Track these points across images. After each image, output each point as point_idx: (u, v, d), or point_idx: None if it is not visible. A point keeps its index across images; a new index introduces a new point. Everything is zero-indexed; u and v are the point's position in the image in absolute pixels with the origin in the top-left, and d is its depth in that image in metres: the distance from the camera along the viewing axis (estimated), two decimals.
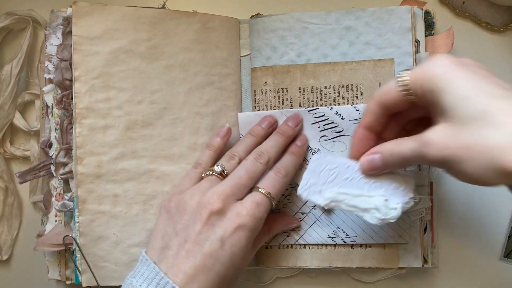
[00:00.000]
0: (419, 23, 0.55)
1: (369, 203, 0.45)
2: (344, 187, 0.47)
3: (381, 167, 0.44)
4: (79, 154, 0.51)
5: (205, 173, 0.49)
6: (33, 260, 0.59)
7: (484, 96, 0.35)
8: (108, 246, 0.51)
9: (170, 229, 0.46)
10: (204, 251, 0.43)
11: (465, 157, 0.35)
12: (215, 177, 0.49)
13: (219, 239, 0.44)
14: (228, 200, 0.46)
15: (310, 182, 0.48)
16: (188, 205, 0.46)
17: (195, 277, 0.42)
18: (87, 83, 0.51)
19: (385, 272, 0.56)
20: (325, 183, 0.47)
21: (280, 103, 0.55)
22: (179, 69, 0.54)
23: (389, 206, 0.45)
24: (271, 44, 0.55)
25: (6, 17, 0.58)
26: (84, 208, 0.51)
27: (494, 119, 0.34)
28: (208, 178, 0.49)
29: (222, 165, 0.49)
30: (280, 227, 0.54)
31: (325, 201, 0.47)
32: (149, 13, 0.53)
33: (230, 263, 0.44)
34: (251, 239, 0.46)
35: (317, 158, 0.48)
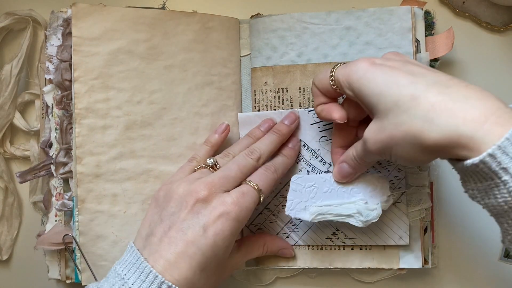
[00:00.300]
0: (419, 23, 0.54)
1: (352, 209, 0.49)
2: (326, 200, 0.50)
3: (351, 172, 0.49)
4: (79, 154, 0.51)
5: (198, 166, 0.50)
6: (33, 260, 0.59)
7: (394, 89, 0.39)
8: (107, 245, 0.51)
9: (157, 216, 0.46)
10: (186, 238, 0.43)
11: (393, 145, 0.40)
12: (206, 170, 0.49)
13: (202, 226, 0.44)
14: (215, 190, 0.46)
15: (294, 201, 0.51)
16: (175, 193, 0.46)
17: (175, 263, 0.42)
18: (86, 84, 0.51)
19: (385, 272, 0.56)
20: (308, 199, 0.51)
21: (280, 103, 0.55)
22: (178, 69, 0.54)
23: (370, 207, 0.49)
24: (271, 44, 0.55)
25: (6, 17, 0.58)
26: (83, 207, 0.51)
27: (404, 106, 0.38)
28: (199, 170, 0.49)
29: (215, 159, 0.50)
30: (276, 248, 0.54)
31: (311, 216, 0.50)
32: (148, 14, 0.53)
33: (212, 252, 0.43)
34: (235, 230, 0.45)
35: (296, 178, 0.51)
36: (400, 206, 0.53)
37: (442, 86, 0.38)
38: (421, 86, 0.39)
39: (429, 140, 0.37)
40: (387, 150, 0.41)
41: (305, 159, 0.54)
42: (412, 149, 0.39)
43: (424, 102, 0.38)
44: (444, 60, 0.57)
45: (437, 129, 0.36)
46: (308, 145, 0.54)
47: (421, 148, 0.38)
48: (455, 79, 0.39)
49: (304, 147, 0.54)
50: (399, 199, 0.53)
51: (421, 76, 0.40)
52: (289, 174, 0.54)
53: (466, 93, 0.37)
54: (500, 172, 0.35)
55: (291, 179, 0.51)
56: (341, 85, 0.45)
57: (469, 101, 0.37)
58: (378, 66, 0.42)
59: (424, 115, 0.37)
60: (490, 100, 0.37)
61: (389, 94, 0.40)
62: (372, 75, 0.42)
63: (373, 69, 0.42)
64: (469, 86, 0.38)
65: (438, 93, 0.38)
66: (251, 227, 0.55)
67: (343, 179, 0.50)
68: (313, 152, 0.54)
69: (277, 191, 0.55)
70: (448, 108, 0.37)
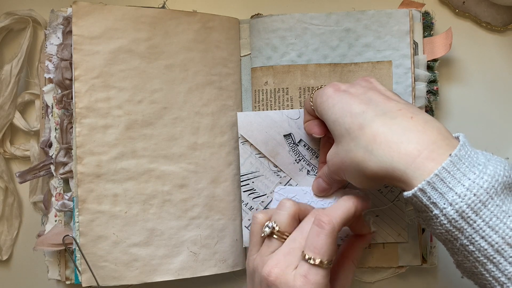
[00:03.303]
0: (417, 25, 0.55)
1: None
2: None
3: (326, 187, 0.51)
4: (79, 154, 0.51)
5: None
6: (33, 260, 0.59)
7: (348, 117, 0.42)
8: (107, 246, 0.51)
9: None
10: None
11: (344, 169, 0.43)
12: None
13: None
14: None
15: None
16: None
17: None
18: (87, 83, 0.51)
19: (385, 272, 0.56)
20: None
21: (280, 103, 0.55)
22: (179, 69, 0.54)
23: None
24: (271, 44, 0.55)
25: (6, 17, 0.58)
26: (84, 207, 0.51)
27: (353, 134, 0.41)
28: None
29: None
30: (360, 250, 0.50)
31: None
32: (149, 13, 0.53)
33: None
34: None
35: (279, 189, 0.54)
36: (399, 204, 0.53)
37: (388, 117, 0.40)
38: (370, 116, 0.40)
39: (368, 170, 0.39)
40: (341, 173, 0.44)
41: (305, 159, 0.54)
42: (357, 175, 0.41)
43: (368, 132, 0.39)
44: (444, 60, 0.57)
45: (375, 160, 0.39)
46: (308, 145, 0.54)
47: (364, 176, 0.40)
48: (406, 109, 0.41)
49: (305, 146, 0.54)
50: (397, 198, 0.53)
51: (373, 106, 0.41)
52: (290, 174, 0.54)
53: (408, 125, 0.39)
54: (431, 207, 0.36)
55: (275, 189, 0.54)
56: (315, 108, 0.47)
57: (407, 134, 0.38)
58: (340, 94, 0.44)
59: (366, 146, 0.39)
60: (429, 133, 0.38)
61: (343, 122, 0.42)
62: (332, 102, 0.44)
63: (334, 96, 0.44)
64: (414, 118, 0.39)
65: (382, 124, 0.39)
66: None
67: (320, 193, 0.52)
68: (313, 152, 0.54)
69: (281, 185, 0.55)
70: (387, 140, 0.38)
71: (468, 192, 0.35)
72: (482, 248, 0.35)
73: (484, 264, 0.36)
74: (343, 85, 0.46)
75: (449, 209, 0.35)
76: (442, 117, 0.57)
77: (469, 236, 0.35)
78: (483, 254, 0.35)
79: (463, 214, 0.35)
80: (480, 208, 0.35)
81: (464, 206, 0.35)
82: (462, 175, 0.36)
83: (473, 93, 0.58)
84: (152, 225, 0.52)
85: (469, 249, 0.36)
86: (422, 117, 0.40)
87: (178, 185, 0.53)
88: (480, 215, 0.35)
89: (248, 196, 0.55)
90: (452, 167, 0.36)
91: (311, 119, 0.50)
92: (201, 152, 0.54)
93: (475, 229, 0.35)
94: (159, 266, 0.52)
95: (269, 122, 0.54)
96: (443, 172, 0.36)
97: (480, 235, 0.35)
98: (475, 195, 0.35)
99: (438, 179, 0.36)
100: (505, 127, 0.57)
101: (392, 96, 0.43)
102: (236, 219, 0.56)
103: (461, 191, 0.35)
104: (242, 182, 0.55)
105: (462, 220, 0.35)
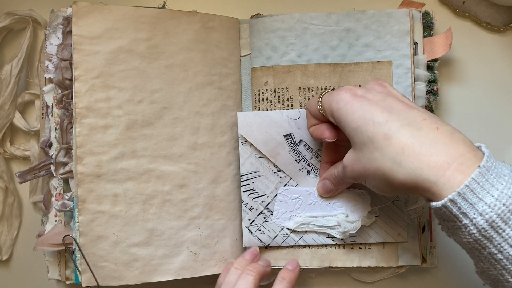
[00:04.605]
0: (417, 25, 0.55)
1: (333, 221, 0.53)
2: (309, 211, 0.54)
3: (333, 189, 0.52)
4: (79, 154, 0.51)
5: None
6: (33, 260, 0.59)
7: (370, 125, 0.42)
8: (108, 246, 0.51)
9: None
10: None
11: (366, 176, 0.43)
12: None
13: None
14: None
15: (280, 211, 0.55)
16: None
17: None
18: (87, 83, 0.51)
19: (385, 272, 0.56)
20: (293, 210, 0.55)
21: (280, 103, 0.55)
22: (179, 69, 0.54)
23: (349, 220, 0.53)
24: (271, 44, 0.55)
25: (6, 17, 0.58)
26: (84, 207, 0.51)
27: (378, 143, 0.41)
28: None
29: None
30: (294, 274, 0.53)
31: (295, 224, 0.54)
32: (149, 13, 0.53)
33: None
34: None
35: (283, 190, 0.55)
36: (398, 204, 0.53)
37: (414, 128, 0.40)
38: (395, 126, 0.41)
39: (397, 180, 0.40)
40: (362, 179, 0.45)
41: (305, 159, 0.54)
42: (382, 183, 0.42)
43: (395, 143, 0.40)
44: (443, 60, 0.57)
45: (404, 172, 0.39)
46: (308, 145, 0.54)
47: (390, 185, 0.41)
48: (429, 119, 0.41)
49: (305, 147, 0.54)
50: (396, 197, 0.53)
51: (396, 114, 0.41)
52: (290, 174, 0.54)
53: (435, 137, 0.39)
54: (461, 216, 0.37)
55: (278, 190, 0.54)
56: (326, 112, 0.47)
57: (436, 146, 0.39)
58: (358, 99, 0.44)
59: (394, 157, 0.40)
60: (456, 146, 0.39)
61: (365, 130, 0.42)
62: (351, 108, 0.43)
63: (353, 102, 0.44)
64: (440, 129, 0.40)
65: (409, 135, 0.40)
66: (250, 228, 0.55)
67: (325, 194, 0.54)
68: (313, 152, 0.54)
69: (283, 186, 0.55)
70: (416, 153, 0.39)
71: (497, 202, 0.36)
72: (511, 257, 0.36)
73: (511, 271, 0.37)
74: (359, 89, 0.45)
75: (479, 218, 0.36)
76: (442, 117, 0.57)
77: (498, 244, 0.36)
78: (511, 262, 0.36)
79: (493, 223, 0.36)
80: (510, 217, 0.36)
81: (494, 216, 0.36)
82: (491, 186, 0.36)
83: (473, 93, 0.58)
84: (152, 225, 0.52)
85: (497, 257, 0.37)
86: (447, 129, 0.40)
87: (178, 185, 0.53)
88: (510, 224, 0.36)
89: (248, 196, 0.55)
90: (481, 178, 0.37)
91: (317, 123, 0.50)
92: (201, 152, 0.54)
93: (504, 238, 0.36)
94: (159, 266, 0.52)
95: (269, 122, 0.54)
96: (473, 183, 0.36)
97: (509, 244, 0.36)
98: (504, 204, 0.36)
99: (468, 189, 0.36)
100: (505, 127, 0.57)
101: (410, 103, 0.44)
102: (236, 219, 0.56)
103: (490, 201, 0.36)
104: (242, 182, 0.55)
105: (492, 230, 0.36)
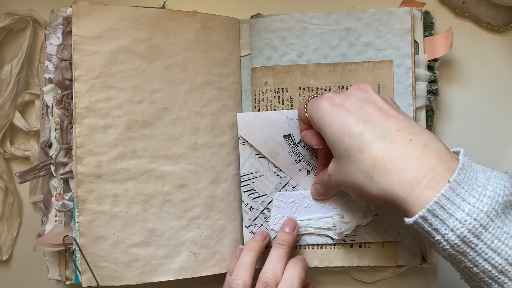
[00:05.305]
0: (418, 24, 0.55)
1: (329, 223, 0.54)
2: (306, 214, 0.55)
3: (324, 193, 0.53)
4: (79, 154, 0.51)
5: None
6: (33, 260, 0.59)
7: (346, 137, 0.42)
8: (108, 246, 0.51)
9: None
10: None
11: (346, 188, 0.44)
12: None
13: None
14: None
15: (277, 216, 0.55)
16: None
17: None
18: (87, 83, 0.51)
19: (384, 272, 0.56)
20: (290, 214, 0.55)
21: (280, 103, 0.55)
22: (179, 69, 0.54)
23: (344, 221, 0.53)
24: (271, 44, 0.55)
25: (6, 17, 0.58)
26: (84, 208, 0.51)
27: (353, 156, 0.41)
28: None
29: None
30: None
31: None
32: (149, 13, 0.53)
33: None
34: None
35: (278, 195, 0.55)
36: None
37: (387, 140, 0.40)
38: (368, 138, 0.40)
39: (371, 195, 0.40)
40: (344, 189, 0.45)
41: (305, 159, 0.54)
42: (360, 196, 0.42)
43: (368, 157, 0.40)
44: (443, 60, 0.57)
45: (376, 187, 0.39)
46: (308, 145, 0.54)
47: (366, 198, 0.41)
48: (404, 129, 0.40)
49: (304, 147, 0.54)
50: None
51: (371, 126, 0.41)
52: (290, 174, 0.54)
53: (407, 150, 0.39)
54: (433, 232, 0.37)
55: (274, 196, 0.55)
56: (310, 120, 0.47)
57: (407, 160, 0.38)
58: (336, 109, 0.44)
59: (367, 171, 0.40)
60: (428, 159, 0.38)
61: (342, 142, 0.42)
62: (329, 119, 0.44)
63: (331, 112, 0.44)
64: (413, 141, 0.39)
65: (381, 149, 0.39)
66: (251, 228, 0.55)
67: (318, 197, 0.54)
68: (313, 152, 0.54)
69: (278, 191, 0.55)
70: (387, 168, 0.39)
71: (468, 218, 0.35)
72: (486, 270, 0.36)
73: (490, 284, 0.36)
74: (338, 97, 0.45)
75: (451, 234, 0.36)
76: (442, 117, 0.57)
77: (472, 259, 0.36)
78: (487, 275, 0.36)
79: (465, 239, 0.36)
80: (481, 232, 0.35)
81: (465, 232, 0.35)
82: (462, 200, 0.36)
83: (473, 93, 0.58)
84: (152, 225, 0.52)
85: (473, 270, 0.36)
86: (422, 139, 0.40)
87: (178, 185, 0.53)
88: (482, 239, 0.35)
89: (248, 196, 0.55)
90: (451, 193, 0.36)
91: (307, 128, 0.50)
92: (201, 152, 0.54)
93: (478, 252, 0.36)
94: (159, 266, 0.52)
95: (269, 122, 0.54)
96: (442, 199, 0.36)
97: (483, 258, 0.35)
98: (475, 219, 0.35)
99: (438, 206, 0.36)
100: (505, 127, 0.57)
101: (389, 109, 0.43)
102: (236, 219, 0.56)
103: (461, 216, 0.36)
104: (242, 182, 0.55)
105: (464, 245, 0.36)
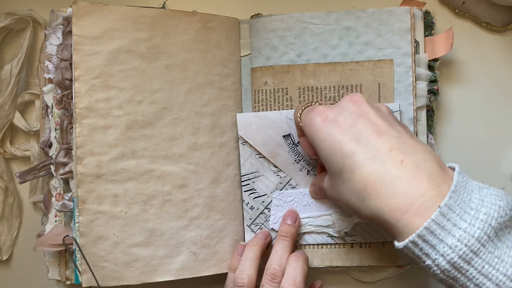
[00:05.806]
0: (419, 24, 0.55)
1: (328, 220, 0.54)
2: (305, 212, 0.55)
3: (322, 194, 0.53)
4: (79, 154, 0.51)
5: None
6: (33, 260, 0.59)
7: (338, 157, 0.41)
8: (108, 246, 0.51)
9: None
10: None
11: (341, 204, 0.44)
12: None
13: None
14: None
15: (277, 215, 0.55)
16: None
17: None
18: (87, 83, 0.51)
19: (385, 272, 0.56)
20: None
21: (280, 103, 0.55)
22: (179, 69, 0.54)
23: (343, 218, 0.53)
24: (271, 44, 0.55)
25: (6, 17, 0.58)
26: (84, 208, 0.51)
27: (345, 176, 0.41)
28: None
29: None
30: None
31: None
32: (149, 13, 0.53)
33: None
34: None
35: (277, 194, 0.55)
36: None
37: (378, 162, 0.39)
38: (360, 159, 0.40)
39: (363, 216, 0.41)
40: (339, 204, 0.46)
41: (305, 159, 0.54)
42: (355, 213, 0.43)
43: (359, 179, 0.40)
44: (444, 60, 0.57)
45: (368, 209, 0.40)
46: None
47: (360, 216, 0.42)
48: (397, 149, 0.40)
49: None
50: None
51: (363, 145, 0.41)
52: (290, 174, 0.54)
53: (397, 173, 0.38)
54: (423, 257, 0.37)
55: (273, 195, 0.55)
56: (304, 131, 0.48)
57: (397, 185, 0.38)
58: (328, 125, 0.43)
59: (358, 193, 0.40)
60: (418, 183, 0.38)
61: (334, 160, 0.42)
62: (321, 136, 0.43)
63: (323, 129, 0.43)
64: (405, 162, 0.39)
65: (372, 171, 0.39)
66: (252, 227, 0.55)
67: (316, 197, 0.55)
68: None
69: (278, 190, 0.55)
70: (377, 192, 0.39)
71: (459, 243, 0.35)
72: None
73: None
74: (331, 112, 0.44)
75: (441, 260, 0.36)
76: (442, 117, 0.57)
77: (463, 284, 0.36)
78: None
79: (455, 264, 0.35)
80: (472, 257, 0.35)
81: (455, 258, 0.35)
82: (453, 225, 0.36)
83: (473, 93, 0.58)
84: (152, 226, 0.52)
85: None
86: (413, 160, 0.39)
87: (178, 185, 0.53)
88: (472, 264, 0.35)
89: (249, 196, 0.55)
90: (441, 219, 0.36)
91: (303, 134, 0.50)
92: (201, 152, 0.54)
93: (469, 278, 0.35)
94: (159, 266, 0.52)
95: (268, 123, 0.54)
96: (433, 224, 0.36)
97: (474, 283, 0.35)
98: (466, 245, 0.35)
99: (428, 232, 0.36)
100: (505, 127, 0.57)
101: (382, 125, 0.42)
102: (236, 219, 0.56)
103: (452, 242, 0.35)
104: (243, 182, 0.55)
105: (455, 270, 0.35)
